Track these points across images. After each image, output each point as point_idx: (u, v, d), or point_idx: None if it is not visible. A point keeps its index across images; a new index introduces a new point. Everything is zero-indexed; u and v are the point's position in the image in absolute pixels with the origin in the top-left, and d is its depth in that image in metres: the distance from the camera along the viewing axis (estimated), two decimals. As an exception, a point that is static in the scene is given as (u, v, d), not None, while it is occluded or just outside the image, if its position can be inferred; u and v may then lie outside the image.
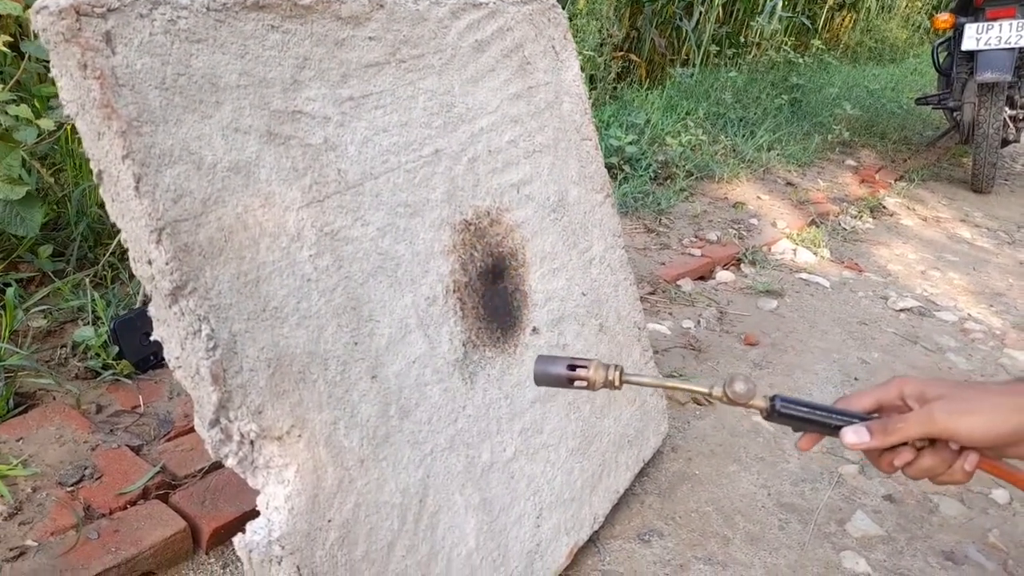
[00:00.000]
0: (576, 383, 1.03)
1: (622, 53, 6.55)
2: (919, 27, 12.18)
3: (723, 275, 3.46)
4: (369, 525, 1.25)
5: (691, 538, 1.88)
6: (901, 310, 3.39)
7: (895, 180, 5.58)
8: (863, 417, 0.97)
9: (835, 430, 0.96)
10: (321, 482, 1.18)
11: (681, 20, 7.16)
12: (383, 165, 1.37)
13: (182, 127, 1.07)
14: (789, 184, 4.92)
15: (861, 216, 4.59)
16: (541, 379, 1.03)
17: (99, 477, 1.68)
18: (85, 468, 1.70)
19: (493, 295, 1.60)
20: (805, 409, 0.96)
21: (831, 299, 3.43)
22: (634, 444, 2.00)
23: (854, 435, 0.95)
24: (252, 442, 1.10)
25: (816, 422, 0.96)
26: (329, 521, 1.18)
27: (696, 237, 3.75)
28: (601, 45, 5.70)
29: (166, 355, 1.07)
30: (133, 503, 1.63)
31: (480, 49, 1.65)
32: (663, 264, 3.39)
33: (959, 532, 2.00)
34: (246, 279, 1.11)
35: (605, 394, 1.91)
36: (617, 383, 1.04)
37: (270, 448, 1.12)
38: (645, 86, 6.28)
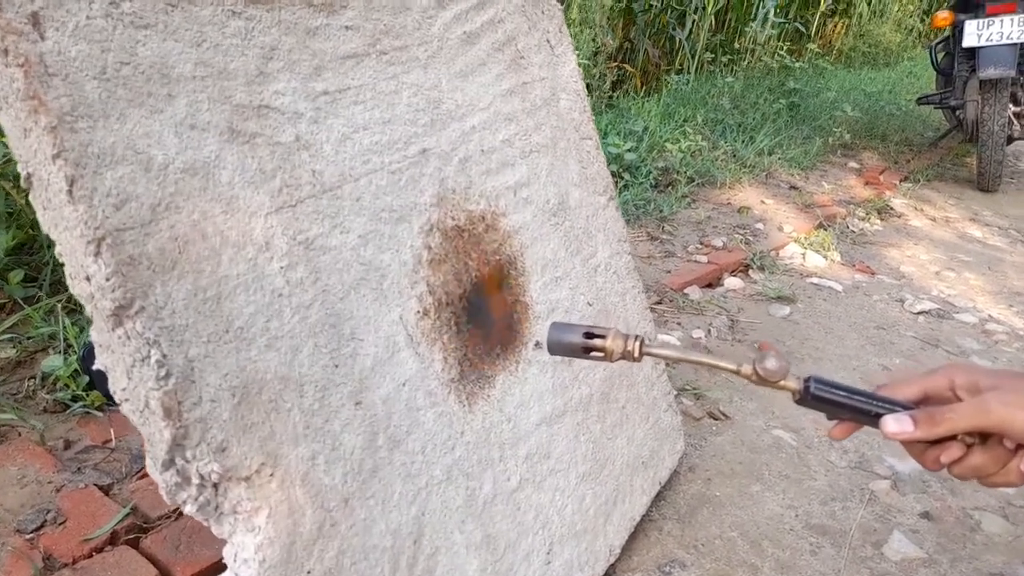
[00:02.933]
0: (592, 353, 0.96)
1: (616, 63, 6.45)
2: (911, 30, 12.14)
3: (731, 282, 3.32)
4: (356, 574, 1.09)
5: (716, 568, 1.72)
6: (919, 313, 3.24)
7: (900, 181, 5.46)
8: (906, 406, 0.84)
9: (874, 418, 0.85)
10: (298, 527, 1.02)
11: (674, 29, 7.08)
12: (364, 166, 1.23)
13: (126, 123, 0.93)
14: (793, 187, 4.79)
15: (869, 218, 4.46)
16: (555, 347, 0.96)
17: (63, 522, 1.52)
18: (48, 512, 1.54)
19: (491, 308, 1.45)
20: (843, 393, 0.87)
21: (845, 304, 3.28)
22: (649, 466, 1.85)
23: (896, 424, 0.83)
24: (215, 485, 0.95)
25: (854, 408, 0.85)
26: (308, 573, 1.02)
27: (701, 243, 3.62)
28: (595, 54, 5.60)
29: (111, 386, 0.93)
30: (100, 550, 1.48)
31: (469, 42, 1.52)
32: (669, 272, 3.24)
33: (1006, 552, 1.84)
34: (205, 296, 0.97)
35: (618, 412, 1.76)
36: (636, 354, 0.96)
37: (237, 490, 0.97)
38: (641, 94, 6.18)
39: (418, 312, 1.28)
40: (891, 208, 4.78)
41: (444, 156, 1.39)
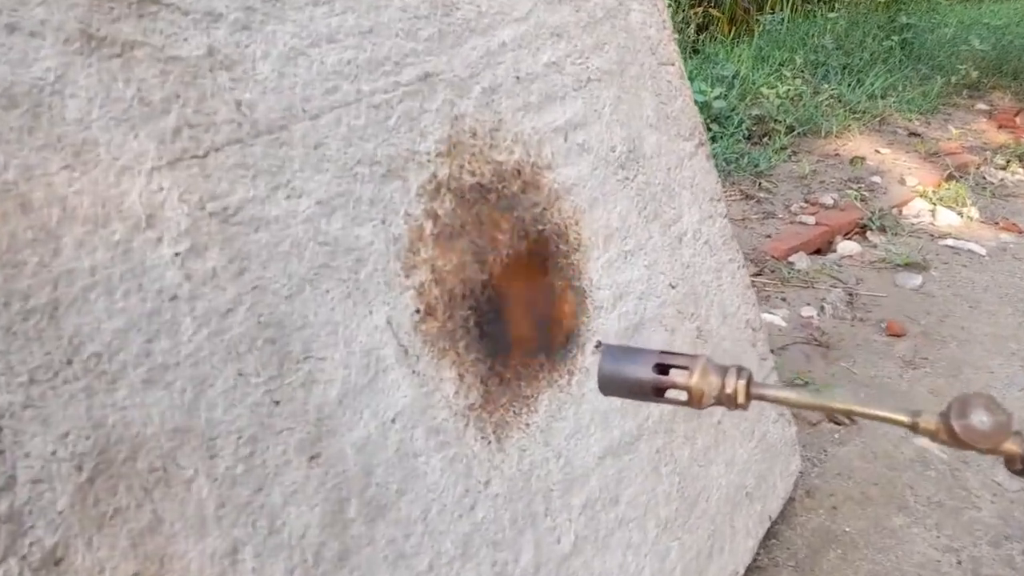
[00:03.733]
0: (669, 395, 0.61)
1: (701, 7, 5.83)
2: (1040, -46, 10.77)
3: (846, 246, 2.77)
4: None
5: (852, 644, 1.27)
6: (1088, 280, 2.62)
7: (1041, 123, 4.67)
8: None
9: None
10: (200, 672, 0.65)
11: (766, -36, 6.34)
12: (328, 97, 0.82)
13: None
14: (912, 134, 4.12)
15: (1009, 166, 3.77)
16: (609, 384, 0.62)
17: None
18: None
19: (530, 299, 1.03)
20: None
21: (991, 270, 2.69)
22: (755, 497, 1.40)
23: None
24: (42, 620, 0.58)
25: None
26: None
27: (807, 202, 3.07)
28: (677, -4, 5.01)
29: None
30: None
31: (497, -75, 1.08)
32: (769, 237, 2.73)
33: None
34: (26, 308, 0.59)
35: (712, 430, 1.31)
36: (741, 399, 0.60)
37: (84, 626, 0.59)
38: (729, 38, 5.54)
39: (416, 312, 0.88)
40: (1034, 154, 4.05)
41: (459, 84, 0.97)
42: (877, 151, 3.79)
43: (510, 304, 1.00)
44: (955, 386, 1.99)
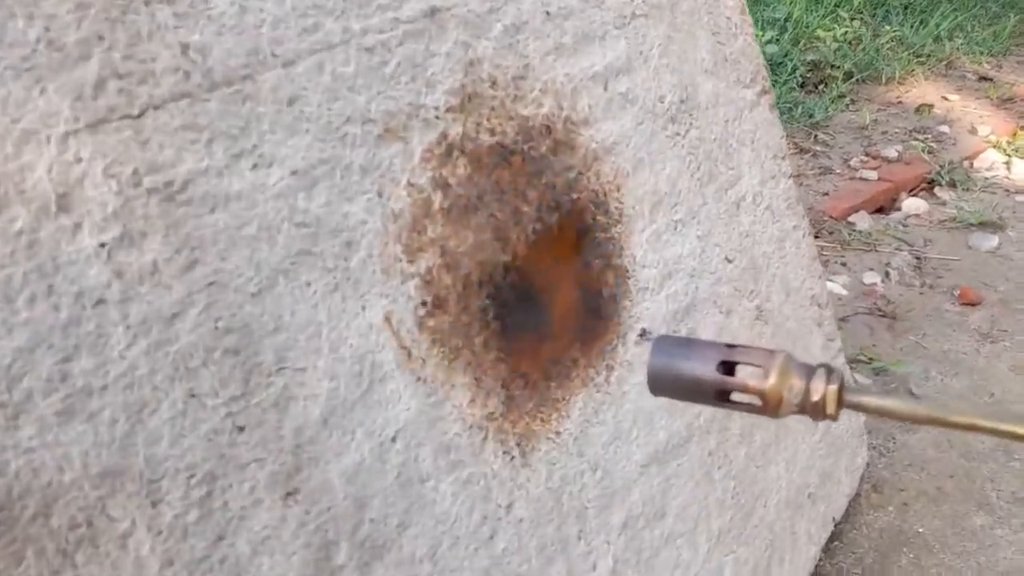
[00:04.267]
0: (737, 399, 0.49)
1: (750, -61, 5.43)
2: None
3: (912, 204, 2.53)
4: None
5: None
6: None
7: None
8: None
9: None
10: None
11: None
12: (307, 38, 0.65)
13: None
14: (983, 79, 3.79)
15: (1094, 112, 3.44)
16: (661, 384, 0.51)
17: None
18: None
19: (562, 283, 0.87)
20: None
21: (1075, 230, 2.44)
22: (818, 498, 1.24)
23: None
24: None
25: None
26: None
27: (867, 155, 2.82)
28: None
29: None
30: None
31: None
32: (826, 195, 2.50)
33: None
34: None
35: (771, 425, 1.15)
36: (831, 408, 0.47)
37: None
38: (780, -25, 5.17)
39: (422, 305, 0.72)
40: (1119, 99, 3.70)
41: (474, 22, 0.79)
42: (944, 98, 3.48)
43: (538, 290, 0.84)
44: (1040, 363, 1.78)
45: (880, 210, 2.53)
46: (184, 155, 0.57)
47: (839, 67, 3.56)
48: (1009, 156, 2.93)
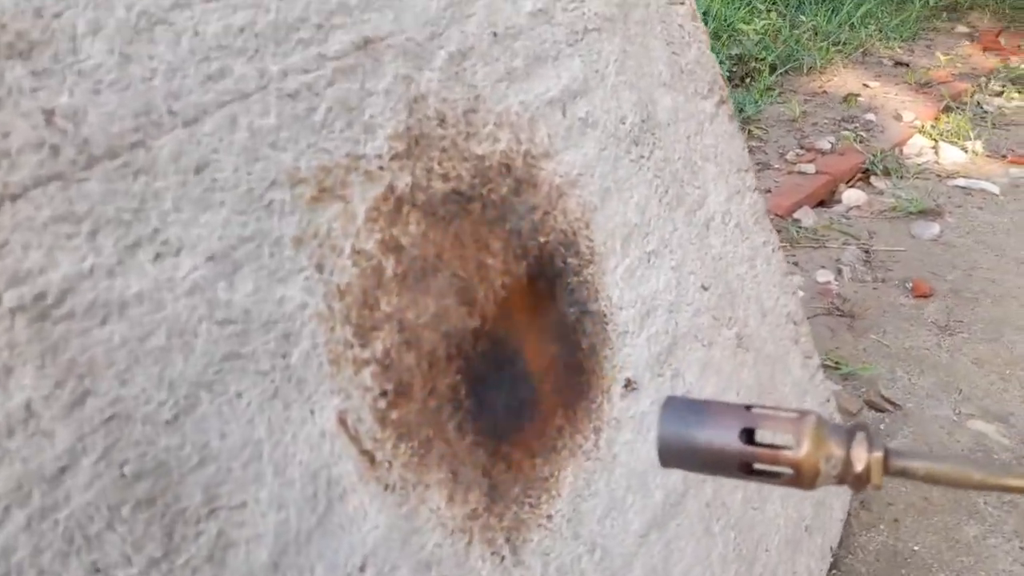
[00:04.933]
0: (759, 468, 0.42)
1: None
2: None
3: (851, 195, 2.53)
4: None
5: None
6: (1114, 213, 2.42)
7: (1025, 42, 4.44)
8: None
9: None
10: None
11: None
12: (212, 87, 0.52)
13: None
14: (899, 64, 3.86)
15: (1005, 92, 3.54)
16: (674, 456, 0.44)
17: None
18: None
19: (537, 341, 0.76)
20: None
21: (1009, 211, 2.47)
22: (815, 529, 1.16)
23: None
24: None
25: None
26: None
27: (802, 148, 2.81)
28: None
29: None
30: None
31: None
32: (768, 192, 2.47)
33: None
34: None
35: (763, 462, 1.06)
36: (876, 479, 0.42)
37: None
38: (694, -28, 5.20)
39: (382, 395, 0.59)
40: (1025, 77, 3.83)
41: (414, 51, 0.67)
42: (865, 85, 3.53)
43: (512, 354, 0.72)
44: (1000, 353, 1.76)
45: (822, 203, 2.51)
46: (58, 256, 0.43)
47: (764, 59, 3.57)
48: (935, 140, 2.97)
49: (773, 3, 4.38)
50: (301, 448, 0.53)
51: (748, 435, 0.43)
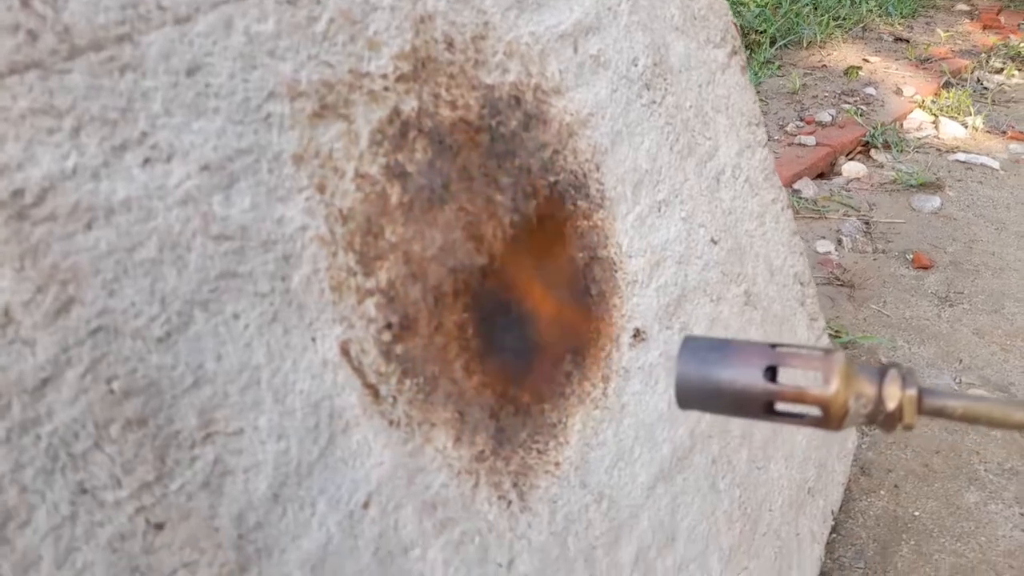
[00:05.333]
0: (781, 407, 0.39)
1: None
2: None
3: (851, 167, 2.50)
4: None
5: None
6: (1114, 189, 2.40)
7: (1025, 21, 4.41)
8: None
9: None
10: None
11: None
12: (209, -13, 0.48)
13: None
14: (899, 40, 3.83)
15: (1006, 70, 3.51)
16: (694, 397, 0.41)
17: None
18: None
19: (545, 283, 0.72)
20: None
21: (1009, 185, 2.45)
22: (817, 491, 1.14)
23: None
24: None
25: None
26: None
27: (802, 120, 2.77)
28: None
29: None
30: None
31: None
32: (768, 163, 2.43)
33: None
34: None
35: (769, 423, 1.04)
36: (909, 417, 0.39)
37: None
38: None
39: (387, 327, 0.56)
40: (1025, 55, 3.80)
41: (421, -31, 0.63)
42: (866, 60, 3.49)
43: (521, 295, 0.69)
44: (1000, 324, 1.75)
45: (821, 175, 2.48)
46: (37, 152, 0.39)
47: (763, 32, 3.53)
48: (936, 116, 2.94)
49: (773, -24, 4.33)
50: (302, 376, 0.50)
51: (772, 374, 0.40)
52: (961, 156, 2.63)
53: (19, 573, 0.36)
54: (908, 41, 3.80)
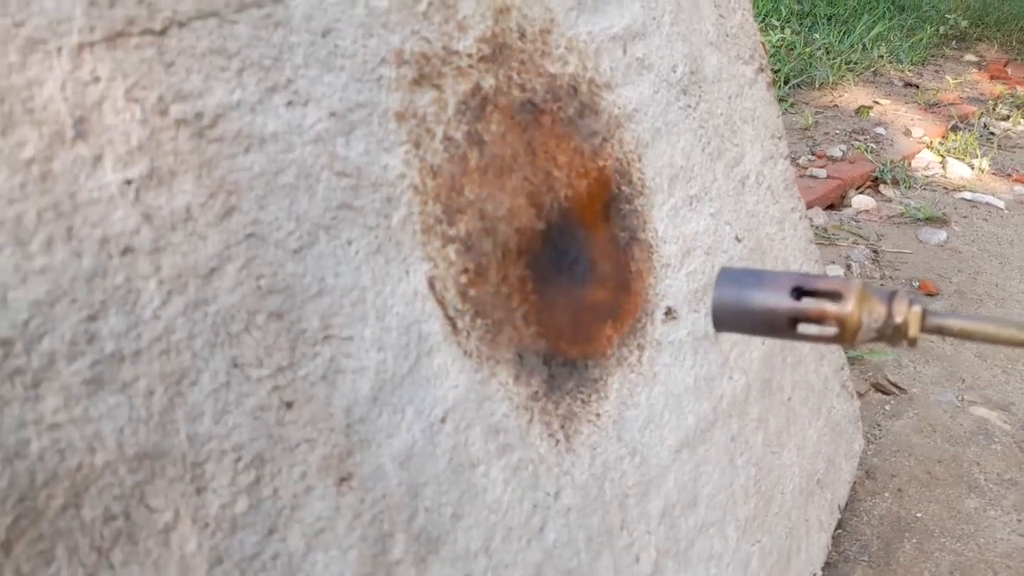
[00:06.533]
0: (809, 328, 0.44)
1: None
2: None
3: (860, 200, 2.59)
4: None
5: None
6: (1114, 232, 2.49)
7: (1031, 74, 4.55)
8: None
9: None
10: None
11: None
12: (339, -32, 0.57)
13: None
14: (908, 85, 3.95)
15: (1013, 116, 3.63)
16: (728, 316, 0.46)
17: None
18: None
19: (592, 254, 0.81)
20: None
21: (1012, 224, 2.54)
22: (825, 484, 1.21)
23: None
24: None
25: None
26: None
27: (814, 155, 2.88)
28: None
29: None
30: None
31: None
32: (781, 192, 2.52)
33: None
34: None
35: (783, 408, 1.11)
36: (913, 331, 0.44)
37: None
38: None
39: (464, 272, 0.64)
40: (1031, 105, 3.92)
41: (502, -31, 0.73)
42: (876, 102, 3.61)
43: (571, 262, 0.77)
44: (1003, 349, 1.82)
45: (832, 206, 2.57)
46: (213, 84, 0.48)
47: (777, 71, 3.65)
48: (943, 156, 3.04)
49: (787, 21, 4.48)
50: (398, 301, 0.58)
51: (798, 295, 0.46)
52: (967, 195, 2.73)
53: (188, 422, 0.44)
54: (918, 87, 3.93)
